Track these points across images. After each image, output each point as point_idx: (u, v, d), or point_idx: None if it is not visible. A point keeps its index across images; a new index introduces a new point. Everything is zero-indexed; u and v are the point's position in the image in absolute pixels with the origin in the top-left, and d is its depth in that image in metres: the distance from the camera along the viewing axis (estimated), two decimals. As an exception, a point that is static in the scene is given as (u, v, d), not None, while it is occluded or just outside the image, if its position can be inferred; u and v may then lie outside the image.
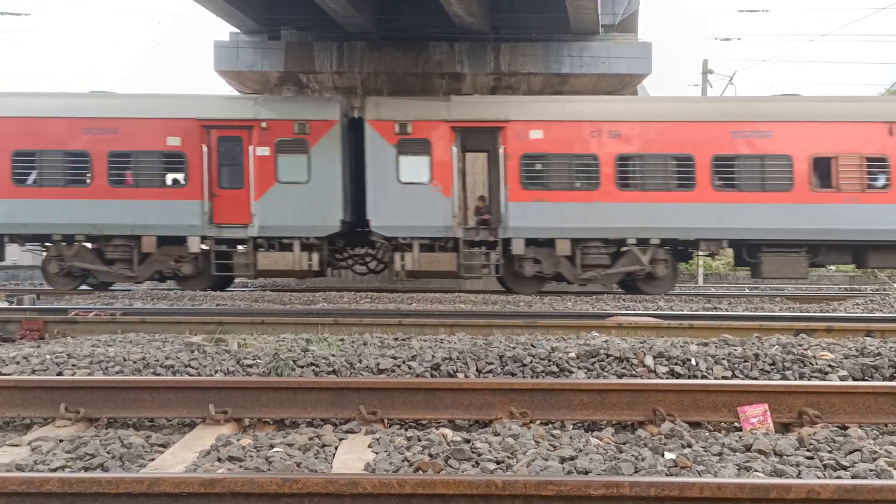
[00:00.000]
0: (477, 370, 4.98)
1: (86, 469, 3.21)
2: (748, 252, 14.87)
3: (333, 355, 5.20)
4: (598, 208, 14.43)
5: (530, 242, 14.65)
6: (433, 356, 5.13)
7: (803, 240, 14.42)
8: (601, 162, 14.46)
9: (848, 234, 14.30)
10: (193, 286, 14.90)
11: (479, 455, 3.27)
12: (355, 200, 15.23)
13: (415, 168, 14.53)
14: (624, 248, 14.77)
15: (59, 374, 4.90)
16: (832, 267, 27.49)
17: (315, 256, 14.72)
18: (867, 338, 6.51)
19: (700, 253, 15.56)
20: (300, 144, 14.63)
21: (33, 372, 4.94)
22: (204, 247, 14.82)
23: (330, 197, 14.62)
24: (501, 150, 14.54)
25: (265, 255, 14.68)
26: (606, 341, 5.90)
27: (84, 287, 15.36)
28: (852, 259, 14.97)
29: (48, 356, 5.27)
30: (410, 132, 14.54)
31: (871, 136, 14.34)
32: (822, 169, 14.36)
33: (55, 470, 3.16)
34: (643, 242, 14.56)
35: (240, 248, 14.86)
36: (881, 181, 14.35)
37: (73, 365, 5.08)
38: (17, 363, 5.13)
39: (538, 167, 14.60)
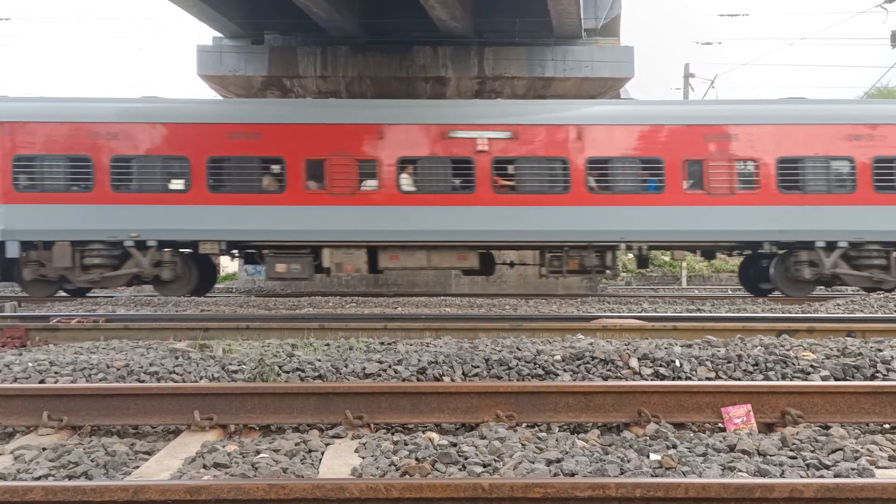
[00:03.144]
0: (463, 374, 4.98)
1: (70, 477, 3.17)
2: None
3: (319, 360, 5.18)
4: None
5: None
6: (419, 360, 5.13)
7: None
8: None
9: None
10: None
11: (466, 458, 3.27)
12: None
13: None
14: None
15: (42, 381, 4.85)
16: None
17: None
18: (848, 338, 6.58)
19: None
20: None
21: (15, 380, 4.89)
22: None
23: None
24: None
25: None
26: (591, 343, 5.93)
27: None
28: None
29: (30, 364, 5.21)
30: None
31: None
32: None
33: (39, 479, 3.13)
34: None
35: None
36: None
37: (56, 372, 5.03)
38: (-1, 371, 5.07)
39: None
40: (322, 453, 3.53)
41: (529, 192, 14.21)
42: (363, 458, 3.40)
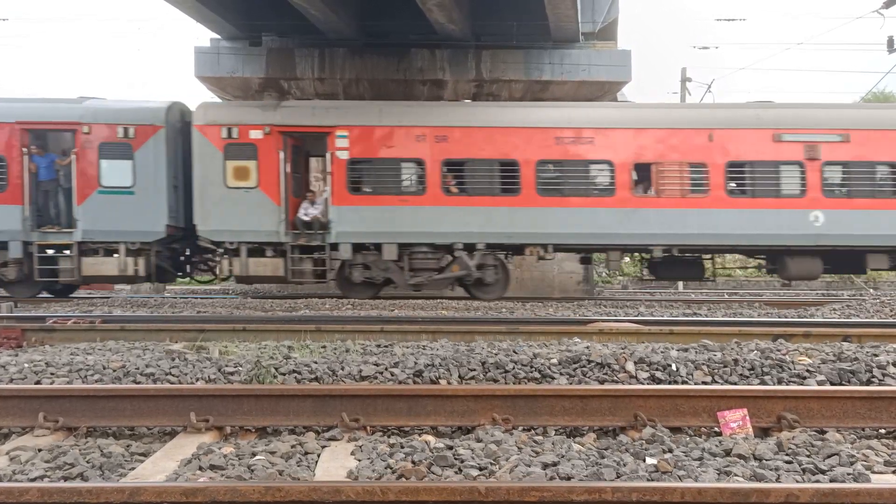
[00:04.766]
0: (459, 376, 4.98)
1: (65, 479, 3.17)
2: None
3: (316, 362, 5.18)
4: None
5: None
6: (416, 363, 5.13)
7: None
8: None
9: None
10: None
11: (462, 461, 3.27)
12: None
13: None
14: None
15: (38, 382, 4.84)
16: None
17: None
18: (844, 342, 6.60)
19: None
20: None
21: (11, 381, 4.88)
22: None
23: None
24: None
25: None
26: (588, 347, 5.93)
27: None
28: None
29: (26, 364, 5.20)
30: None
31: None
32: None
33: (34, 480, 3.12)
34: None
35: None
36: None
37: (52, 373, 5.02)
38: (-6, 372, 5.06)
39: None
40: (318, 455, 3.53)
41: None
42: (359, 460, 3.40)
